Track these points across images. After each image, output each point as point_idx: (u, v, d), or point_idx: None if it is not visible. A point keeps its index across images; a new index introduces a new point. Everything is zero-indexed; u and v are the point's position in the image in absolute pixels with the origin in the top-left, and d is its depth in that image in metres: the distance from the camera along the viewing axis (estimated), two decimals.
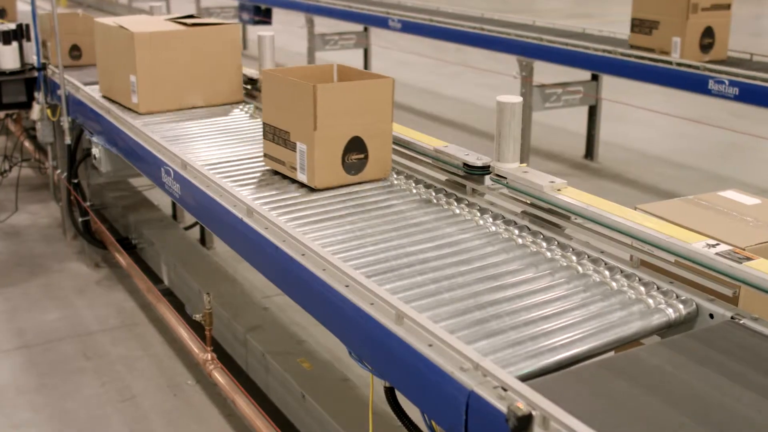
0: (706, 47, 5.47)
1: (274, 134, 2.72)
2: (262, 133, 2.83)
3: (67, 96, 4.24)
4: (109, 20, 3.71)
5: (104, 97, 3.84)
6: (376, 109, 2.62)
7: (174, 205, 5.18)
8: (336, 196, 2.59)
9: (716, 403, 1.46)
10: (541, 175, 2.37)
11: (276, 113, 2.70)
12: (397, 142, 2.92)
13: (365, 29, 9.46)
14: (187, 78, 3.60)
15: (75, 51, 4.68)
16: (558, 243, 2.23)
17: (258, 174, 2.82)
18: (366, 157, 2.65)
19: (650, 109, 7.50)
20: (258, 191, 2.65)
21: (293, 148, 2.63)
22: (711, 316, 1.85)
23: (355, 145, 2.60)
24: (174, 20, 3.76)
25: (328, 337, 2.16)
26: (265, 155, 2.81)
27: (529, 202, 2.39)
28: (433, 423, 1.75)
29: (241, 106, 3.72)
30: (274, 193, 2.63)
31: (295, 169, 2.64)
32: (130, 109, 3.59)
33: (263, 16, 10.90)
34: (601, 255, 2.14)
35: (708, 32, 5.45)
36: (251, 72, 3.98)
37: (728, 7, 5.53)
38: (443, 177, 2.72)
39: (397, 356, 1.73)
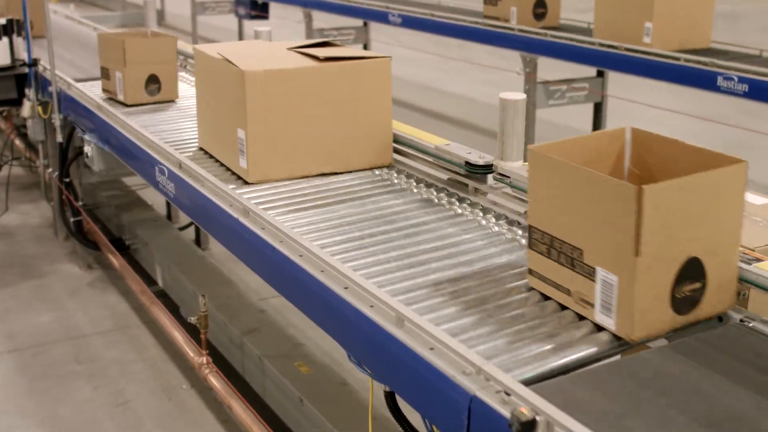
0: (539, 16, 6.73)
1: (550, 246, 1.84)
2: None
3: (59, 93, 4.24)
4: (210, 48, 2.88)
5: (201, 149, 3.07)
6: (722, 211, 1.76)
7: (168, 204, 5.18)
8: None
9: (725, 408, 1.46)
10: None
11: (556, 216, 1.81)
12: (398, 139, 2.92)
13: (365, 24, 9.46)
14: (319, 134, 2.69)
15: (152, 83, 3.79)
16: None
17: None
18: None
19: (657, 107, 7.49)
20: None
21: (590, 274, 1.74)
22: (720, 318, 1.85)
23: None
24: (298, 50, 2.83)
25: (326, 340, 2.17)
26: (530, 272, 1.94)
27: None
28: (435, 428, 1.75)
29: (389, 172, 2.79)
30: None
31: (589, 305, 1.76)
32: (235, 174, 2.75)
33: (260, 11, 10.89)
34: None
35: (540, 3, 6.72)
36: None
37: None
38: (445, 176, 2.72)
39: (398, 360, 1.73)
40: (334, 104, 2.67)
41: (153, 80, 3.80)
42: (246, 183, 2.67)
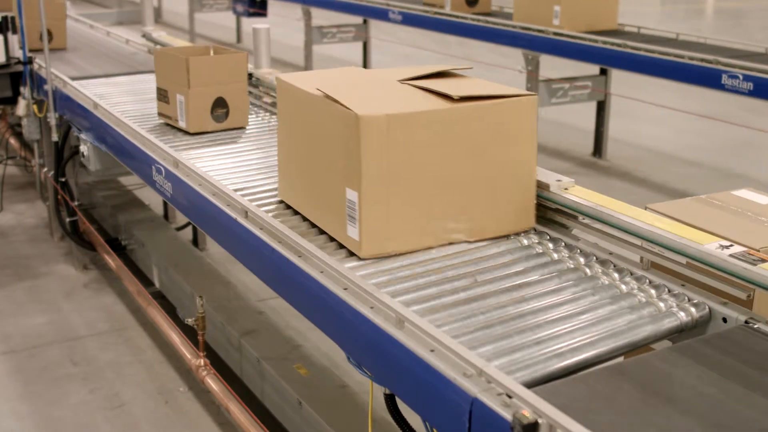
0: (471, 2, 7.34)
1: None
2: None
3: (55, 91, 4.24)
4: (300, 80, 2.37)
5: (281, 201, 2.52)
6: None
7: (165, 204, 5.18)
8: None
9: (730, 411, 1.46)
10: (548, 173, 2.37)
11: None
12: None
13: (364, 21, 9.46)
14: (449, 193, 2.13)
15: (219, 108, 3.30)
16: (565, 244, 2.23)
17: None
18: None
19: (661, 105, 7.49)
20: None
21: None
22: (724, 320, 1.85)
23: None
24: (415, 84, 2.26)
25: (325, 342, 2.17)
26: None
27: (535, 201, 2.39)
28: (435, 431, 1.75)
29: (533, 239, 2.26)
30: None
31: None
32: (334, 241, 2.22)
33: (258, 8, 10.90)
34: (610, 256, 2.14)
35: None
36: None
37: None
38: None
39: (398, 362, 1.73)
40: (469, 155, 2.12)
41: (220, 104, 3.28)
42: (353, 255, 2.13)
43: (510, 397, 1.47)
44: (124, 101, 3.88)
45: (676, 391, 1.52)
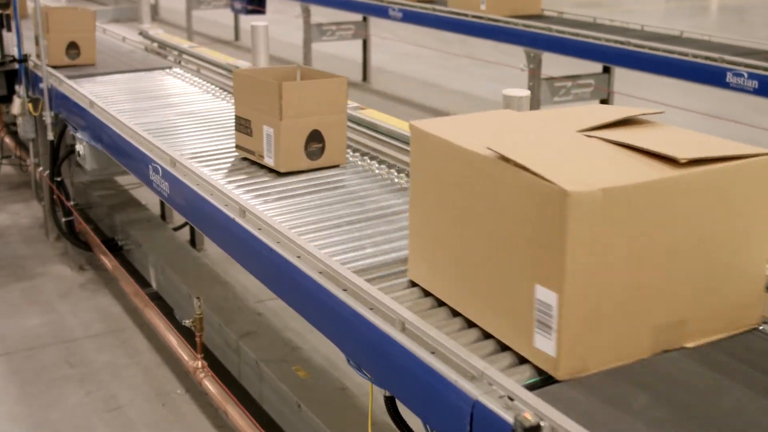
0: None
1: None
2: None
3: (50, 89, 4.24)
4: (445, 129, 1.82)
5: (413, 283, 1.99)
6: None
7: (162, 204, 5.18)
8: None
9: (736, 416, 1.46)
10: None
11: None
12: (398, 137, 2.92)
13: (364, 19, 9.46)
14: (665, 287, 1.62)
15: (314, 142, 2.82)
16: None
17: None
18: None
19: (665, 104, 7.48)
20: None
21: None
22: None
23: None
24: (605, 135, 1.75)
25: (325, 343, 2.16)
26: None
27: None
28: None
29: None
30: None
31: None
32: (506, 348, 1.69)
33: (257, 5, 10.90)
34: None
35: None
36: (243, 64, 3.98)
37: None
38: None
39: (398, 364, 1.73)
40: (693, 236, 1.62)
41: (315, 138, 2.81)
42: (543, 375, 1.59)
43: (512, 399, 1.47)
44: (121, 100, 3.88)
45: (681, 394, 1.51)
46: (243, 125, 2.91)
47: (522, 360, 1.64)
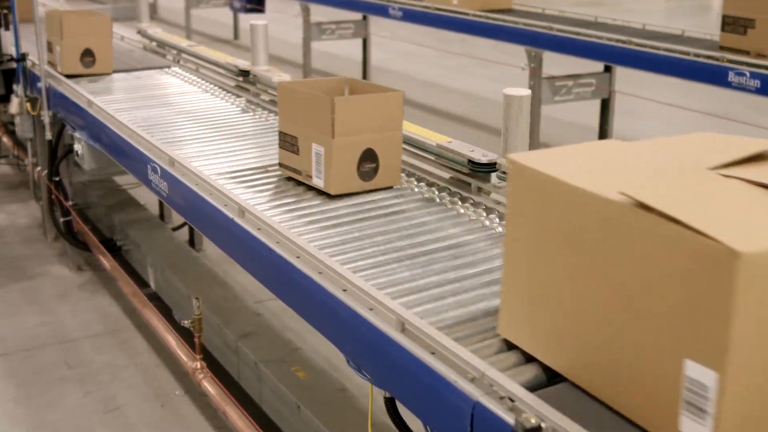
0: None
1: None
2: None
3: (48, 88, 4.24)
4: (546, 163, 1.58)
5: (503, 340, 1.71)
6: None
7: (161, 204, 5.18)
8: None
9: None
10: None
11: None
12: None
13: (364, 18, 9.46)
14: None
15: (368, 162, 2.62)
16: None
17: None
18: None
19: (667, 103, 7.49)
20: None
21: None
22: None
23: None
24: (742, 174, 1.49)
25: (324, 344, 2.16)
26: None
27: None
28: None
29: None
30: None
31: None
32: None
33: (256, 4, 10.90)
34: None
35: None
36: (243, 63, 3.98)
37: None
38: (447, 175, 2.72)
39: (398, 365, 1.73)
40: None
41: (369, 158, 2.61)
42: None
43: (513, 400, 1.47)
44: (119, 99, 3.88)
45: None
46: (289, 142, 2.70)
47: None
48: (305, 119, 2.62)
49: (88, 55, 4.23)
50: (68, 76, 4.20)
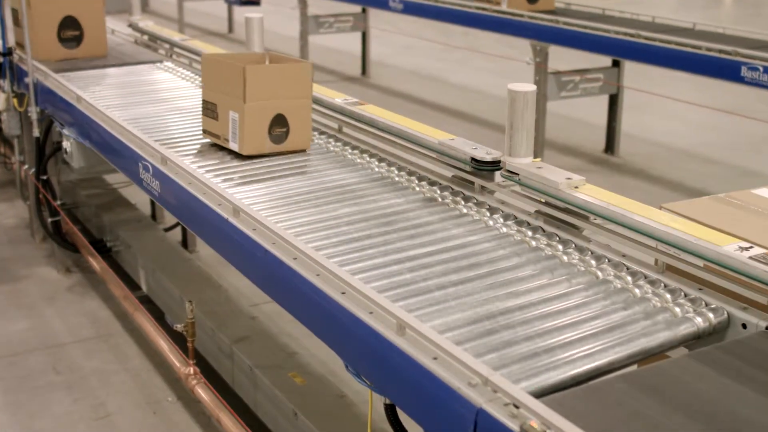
0: None
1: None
2: None
3: (36, 84, 4.24)
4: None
5: None
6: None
7: (153, 204, 5.18)
8: None
9: (750, 422, 1.46)
10: (557, 171, 2.37)
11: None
12: (399, 134, 2.92)
13: (363, 10, 9.46)
14: None
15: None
16: (575, 246, 2.23)
17: None
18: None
19: (677, 99, 7.49)
20: None
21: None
22: (744, 326, 1.85)
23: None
24: None
25: (322, 349, 2.17)
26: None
27: (543, 200, 2.39)
28: None
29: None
30: None
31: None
32: None
33: None
34: (623, 259, 2.14)
35: None
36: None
37: None
38: (449, 173, 2.72)
39: (399, 370, 1.73)
40: None
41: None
42: None
43: (517, 407, 1.47)
44: (109, 95, 3.88)
45: (693, 401, 1.52)
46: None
47: None
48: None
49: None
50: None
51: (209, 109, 3.05)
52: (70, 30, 3.10)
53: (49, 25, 3.27)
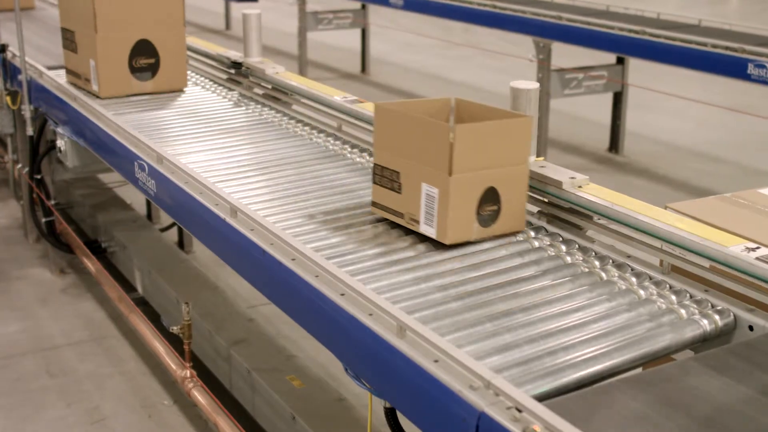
0: None
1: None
2: None
3: (30, 82, 4.24)
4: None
5: None
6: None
7: (149, 203, 5.18)
8: None
9: (758, 426, 1.46)
10: (561, 170, 2.38)
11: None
12: None
13: (363, 6, 9.47)
14: None
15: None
16: (579, 246, 2.23)
17: None
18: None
19: (682, 97, 7.50)
20: None
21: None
22: (751, 328, 1.85)
23: None
24: None
25: (321, 351, 2.17)
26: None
27: (546, 200, 2.39)
28: None
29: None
30: None
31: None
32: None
33: None
34: (628, 260, 2.14)
35: None
36: (235, 55, 3.98)
37: None
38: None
39: (399, 373, 1.73)
40: None
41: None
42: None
43: (520, 411, 1.47)
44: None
45: (699, 404, 1.51)
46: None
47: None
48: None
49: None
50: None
51: (386, 177, 2.34)
52: (144, 57, 2.58)
53: (120, 52, 2.69)
